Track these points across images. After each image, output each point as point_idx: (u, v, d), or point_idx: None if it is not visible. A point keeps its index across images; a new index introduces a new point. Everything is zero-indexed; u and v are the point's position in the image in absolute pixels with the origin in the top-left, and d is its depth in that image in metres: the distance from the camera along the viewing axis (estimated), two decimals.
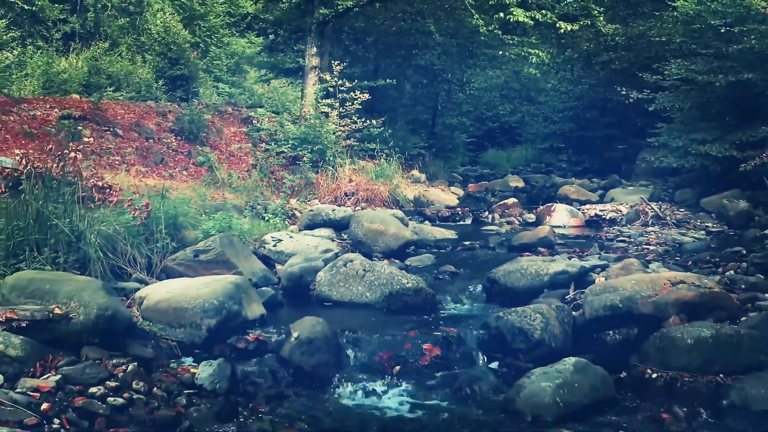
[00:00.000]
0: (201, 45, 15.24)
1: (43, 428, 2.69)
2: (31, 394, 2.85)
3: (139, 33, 14.94)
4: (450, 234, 7.66)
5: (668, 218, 9.30)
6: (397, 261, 5.77)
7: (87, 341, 3.30)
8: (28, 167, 4.75)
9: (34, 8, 13.96)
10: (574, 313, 4.03)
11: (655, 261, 5.28)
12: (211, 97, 14.48)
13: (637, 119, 14.97)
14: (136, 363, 3.24)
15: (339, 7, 12.41)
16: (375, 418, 2.99)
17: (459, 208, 10.39)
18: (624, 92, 11.34)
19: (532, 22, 10.96)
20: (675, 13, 11.52)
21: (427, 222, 8.74)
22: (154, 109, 11.54)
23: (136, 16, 15.97)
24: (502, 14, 10.91)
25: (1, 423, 2.65)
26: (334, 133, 11.04)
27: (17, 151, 5.63)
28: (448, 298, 4.69)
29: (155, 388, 3.13)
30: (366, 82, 12.40)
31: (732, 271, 5.43)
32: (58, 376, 2.99)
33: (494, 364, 3.67)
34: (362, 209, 8.76)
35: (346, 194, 10.27)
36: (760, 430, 3.02)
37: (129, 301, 4.13)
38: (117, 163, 8.94)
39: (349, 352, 3.62)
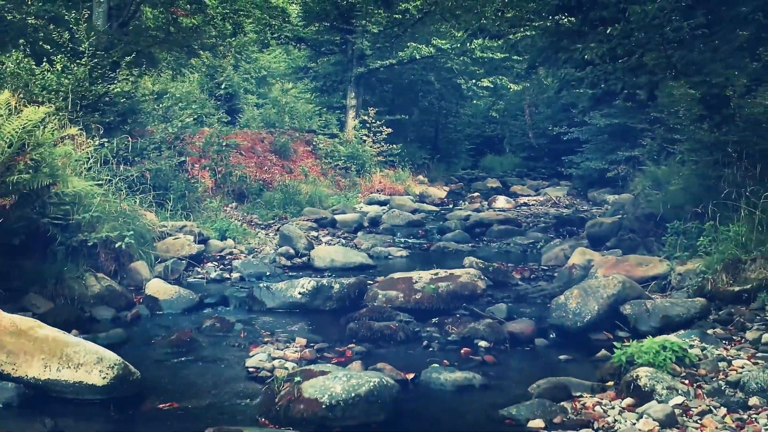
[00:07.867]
0: (233, 63, 28.31)
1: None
2: (329, 239, 16.45)
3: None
4: (436, 209, 21.31)
5: (561, 203, 22.94)
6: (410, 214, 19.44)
7: (327, 226, 16.88)
8: (276, 176, 18.31)
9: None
10: (466, 223, 17.64)
11: (509, 212, 18.92)
12: (252, 113, 27.93)
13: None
14: (342, 230, 16.88)
15: (369, 66, 26.15)
16: (405, 243, 16.58)
17: (445, 199, 24.07)
18: (550, 128, 25.01)
19: (492, 85, 24.64)
20: None
21: (425, 204, 22.37)
22: (256, 136, 25.16)
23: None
24: (474, 80, 24.57)
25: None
26: (369, 153, 24.70)
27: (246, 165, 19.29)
28: (430, 224, 18.29)
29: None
30: (387, 117, 26.07)
31: (543, 218, 19.01)
32: (327, 231, 16.60)
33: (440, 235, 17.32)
34: None
35: (377, 190, 23.88)
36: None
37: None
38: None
39: (397, 233, 17.20)
